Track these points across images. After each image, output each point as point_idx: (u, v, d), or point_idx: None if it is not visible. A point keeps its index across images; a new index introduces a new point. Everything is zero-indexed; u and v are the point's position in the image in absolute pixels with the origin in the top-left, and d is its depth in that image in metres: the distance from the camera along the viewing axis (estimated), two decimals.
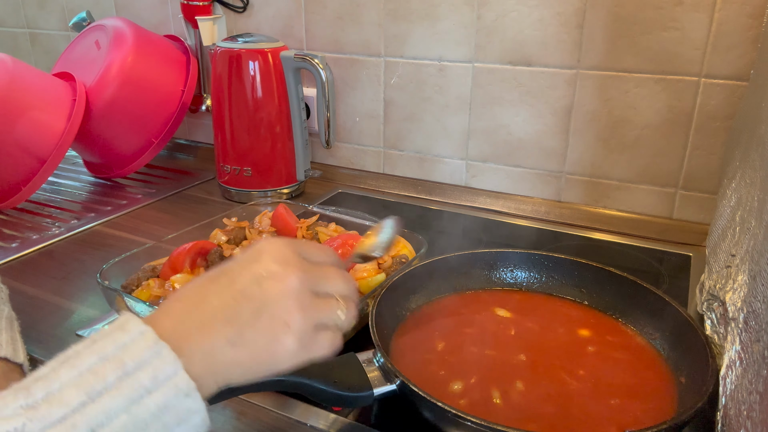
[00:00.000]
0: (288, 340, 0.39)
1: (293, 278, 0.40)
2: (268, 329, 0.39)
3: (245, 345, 0.38)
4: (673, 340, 0.58)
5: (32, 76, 1.04)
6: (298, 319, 0.40)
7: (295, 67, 0.99)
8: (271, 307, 0.39)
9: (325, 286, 0.43)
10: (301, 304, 0.40)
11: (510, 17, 0.93)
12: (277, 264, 0.41)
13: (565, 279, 0.68)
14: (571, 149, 0.95)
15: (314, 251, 0.45)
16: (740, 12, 0.79)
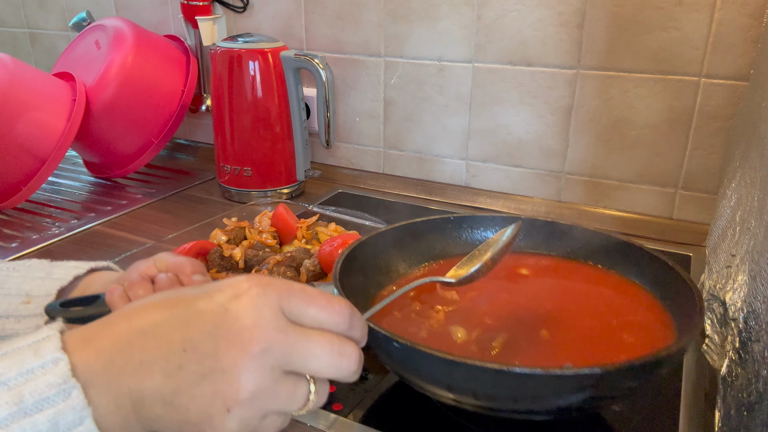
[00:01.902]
0: (223, 427, 0.32)
1: (259, 349, 0.31)
2: (204, 405, 0.31)
3: (176, 409, 0.32)
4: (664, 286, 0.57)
5: (32, 76, 1.04)
6: (243, 407, 0.32)
7: (295, 67, 0.99)
8: (218, 379, 0.31)
9: (300, 365, 0.33)
10: (255, 388, 0.31)
11: (510, 17, 0.93)
12: (249, 322, 0.32)
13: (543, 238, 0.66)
14: (571, 149, 0.95)
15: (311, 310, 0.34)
16: (740, 12, 0.78)
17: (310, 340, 0.33)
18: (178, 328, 0.32)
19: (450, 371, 0.43)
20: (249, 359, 0.31)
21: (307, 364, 0.33)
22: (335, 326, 0.35)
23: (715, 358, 0.55)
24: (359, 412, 0.54)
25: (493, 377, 0.41)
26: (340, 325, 0.35)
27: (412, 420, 0.53)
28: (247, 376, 0.31)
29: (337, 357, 0.34)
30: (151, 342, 0.32)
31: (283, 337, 0.32)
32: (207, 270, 0.69)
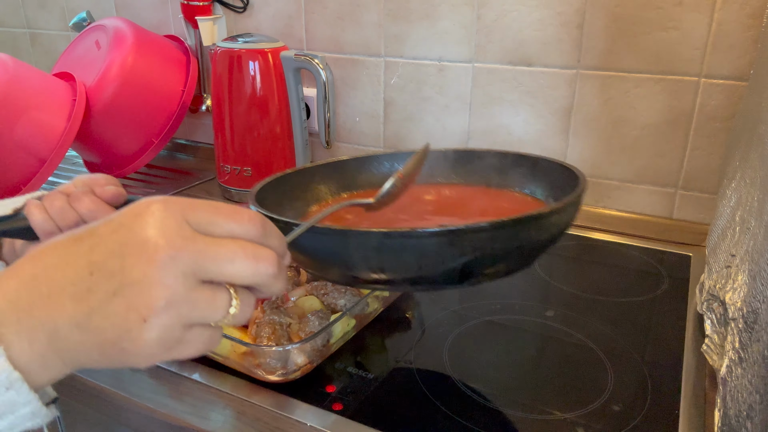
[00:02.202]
0: (142, 339, 0.31)
1: (166, 256, 0.31)
2: (119, 320, 0.31)
3: (92, 331, 0.31)
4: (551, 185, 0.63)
5: (32, 76, 1.04)
6: (159, 316, 0.31)
7: (295, 67, 0.99)
8: (129, 291, 0.30)
9: (216, 271, 0.32)
10: (169, 295, 0.31)
11: (510, 17, 0.93)
12: (152, 233, 0.31)
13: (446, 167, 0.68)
14: (571, 149, 0.95)
15: (219, 219, 0.33)
16: (740, 12, 0.79)
17: (221, 245, 0.32)
18: (82, 255, 0.32)
19: (345, 243, 0.44)
20: (157, 268, 0.31)
21: (222, 270, 0.32)
22: (247, 234, 0.34)
23: (715, 358, 0.55)
24: (359, 412, 0.54)
25: (379, 241, 0.42)
26: (252, 232, 0.34)
27: (412, 420, 0.53)
28: (157, 284, 0.30)
29: (253, 260, 0.33)
30: (56, 273, 0.32)
31: (191, 243, 0.32)
32: None
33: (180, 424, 0.54)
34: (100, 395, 0.59)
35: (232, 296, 0.33)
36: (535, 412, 0.54)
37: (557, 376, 0.59)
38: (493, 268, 0.47)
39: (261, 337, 0.56)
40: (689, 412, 0.54)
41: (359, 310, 0.62)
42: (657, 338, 0.66)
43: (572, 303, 0.72)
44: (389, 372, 0.60)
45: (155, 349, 0.31)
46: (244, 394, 0.56)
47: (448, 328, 0.67)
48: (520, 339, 0.66)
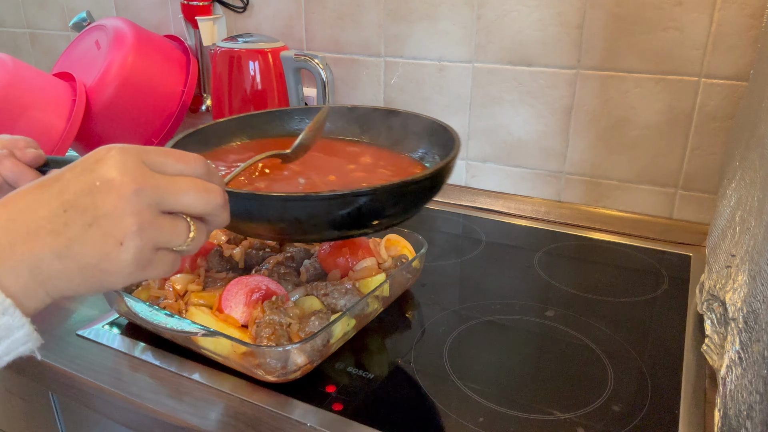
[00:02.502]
0: (120, 260, 0.36)
1: (131, 191, 0.36)
2: (99, 245, 0.36)
3: (73, 259, 0.36)
4: (433, 144, 0.72)
5: (32, 76, 1.04)
6: (133, 237, 0.36)
7: (295, 67, 0.99)
8: (103, 222, 0.35)
9: (173, 203, 0.38)
10: (139, 221, 0.36)
11: (510, 17, 0.93)
12: (115, 172, 0.36)
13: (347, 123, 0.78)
14: (571, 149, 0.95)
15: (169, 161, 0.39)
16: (740, 12, 0.79)
17: (176, 181, 0.38)
18: (53, 197, 0.36)
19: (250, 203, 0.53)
20: (126, 200, 0.36)
21: (179, 201, 0.38)
22: (195, 172, 0.40)
23: (715, 358, 0.55)
24: (359, 412, 0.54)
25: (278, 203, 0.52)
26: (198, 170, 0.40)
27: (412, 420, 0.53)
28: (128, 213, 0.36)
29: (204, 192, 0.39)
30: (31, 215, 0.36)
31: (151, 180, 0.37)
32: (207, 270, 0.69)
33: (180, 424, 0.54)
34: (100, 395, 0.59)
35: (190, 225, 0.39)
36: (535, 412, 0.54)
37: (557, 376, 0.59)
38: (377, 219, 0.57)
39: (261, 337, 0.56)
40: (689, 412, 0.54)
41: (359, 310, 0.62)
42: (657, 338, 0.66)
43: (572, 303, 0.72)
44: (389, 372, 0.60)
45: (131, 267, 0.37)
46: (244, 394, 0.56)
47: (448, 328, 0.67)
48: (520, 339, 0.66)
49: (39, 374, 0.64)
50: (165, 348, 0.63)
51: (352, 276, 0.67)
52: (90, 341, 0.65)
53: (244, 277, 0.63)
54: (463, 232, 0.94)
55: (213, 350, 0.58)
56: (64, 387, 0.62)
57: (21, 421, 0.77)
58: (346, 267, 0.68)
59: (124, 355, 0.63)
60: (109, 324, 0.68)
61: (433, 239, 0.89)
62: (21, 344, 0.36)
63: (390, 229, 0.77)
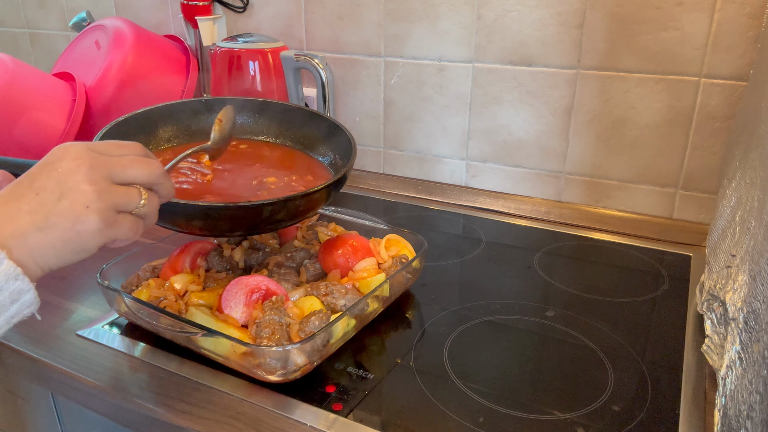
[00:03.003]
0: (90, 220, 0.44)
1: (86, 167, 0.45)
2: (70, 212, 0.44)
3: (52, 228, 0.44)
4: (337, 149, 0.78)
5: (32, 76, 1.04)
6: (96, 201, 0.45)
7: (295, 67, 0.99)
8: (69, 194, 0.44)
9: (122, 175, 0.47)
10: (97, 187, 0.45)
11: (510, 17, 0.93)
12: (72, 158, 0.45)
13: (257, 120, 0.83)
14: (571, 149, 0.95)
15: (111, 147, 0.48)
16: (740, 12, 0.79)
17: (123, 157, 0.48)
18: (25, 189, 0.44)
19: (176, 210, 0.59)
20: (83, 175, 0.45)
21: (126, 173, 0.47)
22: (135, 153, 0.49)
23: (715, 358, 0.55)
24: (359, 412, 0.54)
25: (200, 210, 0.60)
26: (138, 152, 0.49)
27: (412, 420, 0.53)
28: (87, 184, 0.44)
29: (145, 164, 0.48)
30: (10, 205, 0.44)
31: (101, 158, 0.46)
32: (207, 270, 0.69)
33: (180, 424, 0.54)
34: (100, 395, 0.59)
35: (141, 191, 0.48)
36: (535, 412, 0.54)
37: (557, 376, 0.59)
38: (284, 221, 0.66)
39: (261, 337, 0.56)
40: (689, 412, 0.54)
41: (359, 310, 0.62)
42: (657, 338, 0.66)
43: (572, 303, 0.72)
44: (389, 372, 0.60)
45: (100, 224, 0.45)
46: (244, 394, 0.56)
47: (448, 328, 0.67)
48: (520, 339, 0.66)
49: (39, 374, 0.64)
50: (165, 348, 0.63)
51: (352, 276, 0.67)
52: (90, 341, 0.65)
53: (244, 277, 0.63)
54: (463, 232, 0.94)
55: (213, 350, 0.58)
56: (64, 387, 0.62)
57: (21, 421, 0.77)
58: (346, 267, 0.68)
59: (124, 355, 0.63)
60: (109, 324, 0.68)
61: (433, 239, 0.89)
62: (26, 307, 0.44)
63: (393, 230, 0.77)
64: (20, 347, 0.64)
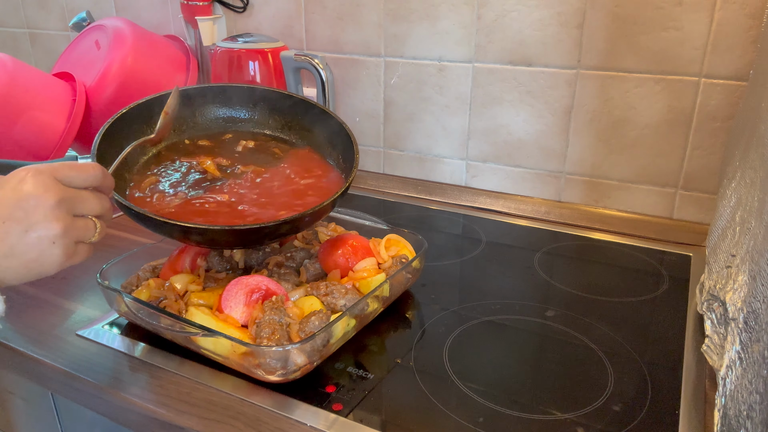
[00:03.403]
0: (54, 254, 0.49)
1: (53, 201, 0.48)
2: (36, 246, 0.48)
3: (17, 257, 0.48)
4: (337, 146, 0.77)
5: (32, 76, 1.04)
6: (61, 237, 0.49)
7: (295, 67, 0.99)
8: (37, 228, 0.48)
9: (82, 210, 0.51)
10: (63, 224, 0.49)
11: (510, 17, 0.93)
12: (38, 190, 0.48)
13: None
14: (571, 149, 0.95)
15: (73, 175, 0.51)
16: (740, 12, 0.79)
17: (81, 193, 0.51)
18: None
19: (164, 228, 0.61)
20: (51, 209, 0.48)
21: (85, 208, 0.52)
22: (95, 179, 0.52)
23: (715, 358, 0.55)
24: (359, 412, 0.54)
25: (187, 230, 0.61)
26: (97, 177, 0.53)
27: (412, 420, 0.53)
28: (54, 219, 0.48)
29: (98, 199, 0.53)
30: None
31: (66, 193, 0.50)
32: (207, 270, 0.69)
33: (180, 424, 0.54)
34: (100, 395, 0.59)
35: (96, 224, 0.53)
36: (535, 412, 0.54)
37: (557, 376, 0.59)
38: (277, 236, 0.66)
39: (261, 337, 0.56)
40: (689, 412, 0.54)
41: (359, 310, 0.62)
42: (657, 338, 0.66)
43: (572, 303, 0.72)
44: (389, 372, 0.60)
45: (62, 258, 0.50)
46: (244, 394, 0.56)
47: (448, 328, 0.67)
48: (520, 339, 0.66)
49: (39, 374, 0.64)
50: (165, 348, 0.63)
51: (352, 276, 0.67)
52: (90, 341, 0.65)
53: (244, 277, 0.63)
54: (463, 232, 0.94)
55: (213, 350, 0.58)
56: (64, 387, 0.62)
57: (21, 421, 0.77)
58: (346, 267, 0.68)
59: (124, 355, 0.63)
60: (109, 324, 0.68)
61: (433, 239, 0.89)
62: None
63: (393, 230, 0.77)
64: (20, 347, 0.64)
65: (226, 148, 0.78)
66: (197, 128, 0.80)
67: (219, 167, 0.74)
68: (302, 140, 0.81)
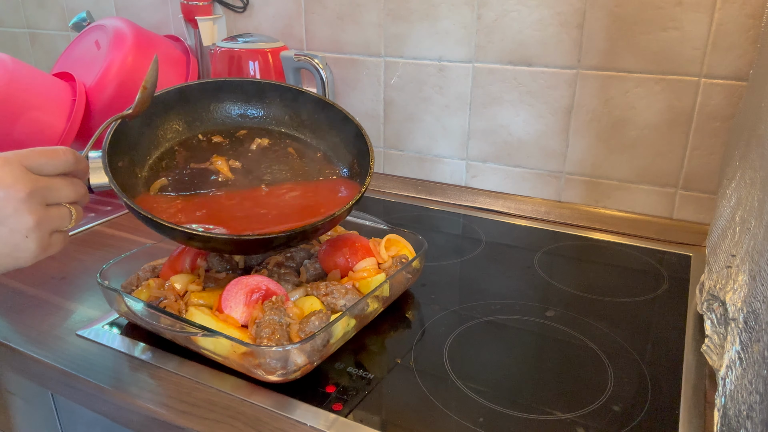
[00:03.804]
0: (29, 247, 0.49)
1: (24, 194, 0.47)
2: (9, 240, 0.48)
3: None
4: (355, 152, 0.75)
5: (32, 76, 1.04)
6: (35, 230, 0.48)
7: (295, 67, 0.99)
8: (8, 221, 0.47)
9: (55, 198, 0.50)
10: (35, 216, 0.48)
11: (510, 17, 0.93)
12: (7, 181, 0.47)
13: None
14: (571, 149, 0.95)
15: (43, 162, 0.50)
16: (740, 12, 0.79)
17: (54, 181, 0.50)
18: None
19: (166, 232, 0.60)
20: (22, 202, 0.47)
21: (59, 196, 0.51)
22: (67, 165, 0.51)
23: (715, 358, 0.55)
24: (359, 412, 0.54)
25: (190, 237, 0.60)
26: (69, 163, 0.51)
27: (412, 420, 0.53)
28: (27, 212, 0.48)
29: (73, 185, 0.52)
30: None
31: (37, 182, 0.49)
32: (207, 270, 0.69)
33: (180, 424, 0.54)
34: (100, 395, 0.59)
35: (71, 210, 0.52)
36: (535, 412, 0.54)
37: (557, 376, 0.59)
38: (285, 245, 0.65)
39: (261, 337, 0.56)
40: (689, 412, 0.54)
41: (359, 310, 0.62)
42: (657, 338, 0.66)
43: (572, 303, 0.72)
44: (389, 372, 0.60)
45: (38, 251, 0.49)
46: (244, 394, 0.56)
47: (448, 328, 0.67)
48: (520, 339, 0.66)
49: (39, 374, 0.64)
50: (165, 348, 0.63)
51: (352, 276, 0.67)
52: (90, 341, 0.65)
53: (244, 277, 0.63)
54: (463, 232, 0.94)
55: (213, 350, 0.58)
56: (64, 387, 0.62)
57: (21, 421, 0.77)
58: (346, 267, 0.68)
59: (124, 355, 0.63)
60: (109, 324, 0.68)
61: (433, 239, 0.89)
62: None
63: (393, 230, 0.77)
64: (20, 347, 0.64)
65: (240, 146, 0.77)
66: (211, 123, 0.78)
67: (232, 169, 0.73)
68: (317, 140, 0.79)
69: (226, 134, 0.77)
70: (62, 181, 0.51)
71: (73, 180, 0.52)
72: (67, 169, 0.51)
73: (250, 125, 0.79)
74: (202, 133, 0.77)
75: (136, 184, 0.68)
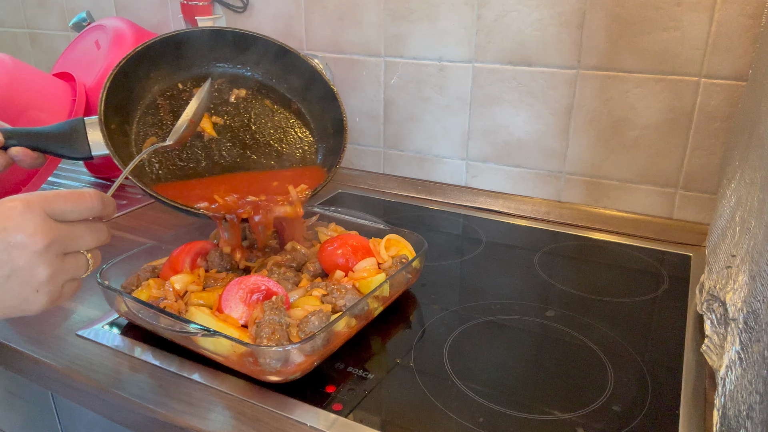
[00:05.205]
0: (37, 302, 0.46)
1: (41, 246, 0.44)
2: (17, 293, 0.44)
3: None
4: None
5: (32, 76, 1.04)
6: (47, 285, 0.45)
7: None
8: (20, 274, 0.44)
9: (74, 247, 0.47)
10: (50, 270, 0.45)
11: (510, 17, 0.93)
12: (26, 230, 0.43)
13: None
14: (571, 149, 0.95)
15: (68, 209, 0.46)
16: (740, 12, 0.79)
17: (75, 229, 0.46)
18: None
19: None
20: (37, 255, 0.44)
21: (80, 246, 0.47)
22: (93, 211, 0.47)
23: (715, 358, 0.55)
24: (359, 412, 0.54)
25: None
26: (96, 209, 0.48)
27: (412, 420, 0.53)
28: (40, 265, 0.44)
29: (95, 232, 0.48)
30: None
31: (56, 232, 0.45)
32: (207, 270, 0.69)
33: (180, 424, 0.54)
34: (100, 395, 0.59)
35: (88, 259, 0.48)
36: (535, 412, 0.54)
37: (557, 376, 0.59)
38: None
39: (261, 337, 0.56)
40: (689, 412, 0.54)
41: (359, 310, 0.62)
42: (657, 338, 0.66)
43: (572, 303, 0.73)
44: (389, 372, 0.60)
45: (46, 305, 0.46)
46: (244, 394, 0.56)
47: (448, 328, 0.67)
48: (520, 339, 0.66)
49: (39, 374, 0.64)
50: (165, 348, 0.63)
51: (352, 276, 0.67)
52: (90, 341, 0.65)
53: (244, 277, 0.63)
54: (463, 232, 0.94)
55: (213, 350, 0.59)
56: (64, 387, 0.62)
57: (21, 421, 0.77)
58: (346, 267, 0.68)
59: (124, 355, 0.63)
60: (109, 324, 0.68)
61: (433, 239, 0.89)
62: None
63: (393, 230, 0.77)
64: (20, 347, 0.64)
65: (218, 97, 0.80)
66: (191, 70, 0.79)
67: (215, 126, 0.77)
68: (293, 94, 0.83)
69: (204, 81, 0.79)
70: (85, 228, 0.47)
71: (97, 226, 0.48)
72: (92, 215, 0.48)
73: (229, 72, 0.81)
74: (181, 82, 0.79)
75: (128, 143, 0.71)
